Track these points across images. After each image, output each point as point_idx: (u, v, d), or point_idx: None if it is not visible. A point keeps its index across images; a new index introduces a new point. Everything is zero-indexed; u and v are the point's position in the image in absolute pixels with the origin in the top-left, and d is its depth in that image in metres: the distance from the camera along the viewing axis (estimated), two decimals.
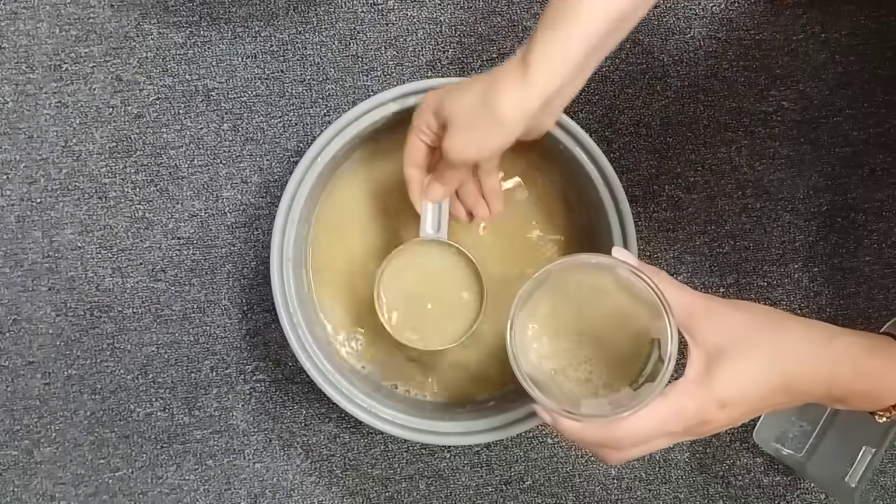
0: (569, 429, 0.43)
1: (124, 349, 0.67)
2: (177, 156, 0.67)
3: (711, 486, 0.67)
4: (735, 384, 0.41)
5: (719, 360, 0.41)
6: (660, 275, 0.44)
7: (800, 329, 0.43)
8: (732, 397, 0.41)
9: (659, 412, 0.41)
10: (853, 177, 0.68)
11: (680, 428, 0.42)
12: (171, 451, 0.67)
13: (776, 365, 0.41)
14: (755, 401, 0.42)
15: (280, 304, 0.57)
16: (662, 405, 0.41)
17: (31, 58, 0.67)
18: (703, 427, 0.42)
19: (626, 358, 0.44)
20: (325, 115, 0.67)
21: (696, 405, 0.41)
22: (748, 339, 0.42)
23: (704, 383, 0.41)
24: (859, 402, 0.44)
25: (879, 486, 0.68)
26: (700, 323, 0.42)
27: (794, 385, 0.42)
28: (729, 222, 0.68)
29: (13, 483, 0.67)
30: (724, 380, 0.41)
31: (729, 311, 0.43)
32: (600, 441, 0.42)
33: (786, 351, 0.42)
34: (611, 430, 0.42)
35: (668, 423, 0.41)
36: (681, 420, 0.41)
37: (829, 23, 0.68)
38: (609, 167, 0.57)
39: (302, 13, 0.67)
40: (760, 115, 0.68)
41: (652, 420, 0.41)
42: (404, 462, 0.67)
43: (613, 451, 0.43)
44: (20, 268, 0.67)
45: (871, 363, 0.43)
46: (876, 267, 0.68)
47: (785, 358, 0.42)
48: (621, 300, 0.44)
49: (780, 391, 0.42)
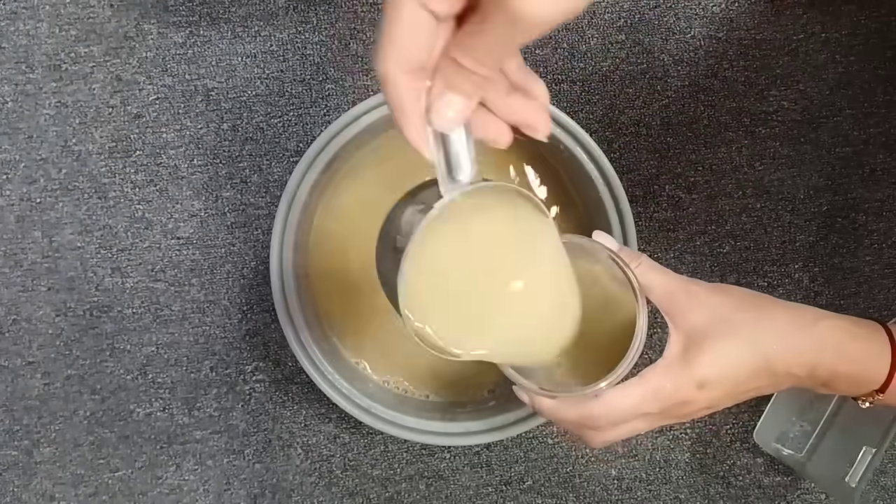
0: (546, 407, 0.43)
1: (124, 349, 0.67)
2: (176, 156, 0.67)
3: (712, 486, 0.67)
4: (714, 365, 0.41)
5: (699, 341, 0.41)
6: (640, 258, 0.44)
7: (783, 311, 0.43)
8: (711, 377, 0.41)
9: (635, 392, 0.41)
10: (854, 177, 0.68)
11: (657, 408, 0.41)
12: (171, 451, 0.67)
13: (757, 346, 0.41)
14: (735, 382, 0.41)
15: (280, 304, 0.57)
16: (639, 385, 0.41)
17: (31, 58, 0.67)
18: (683, 409, 0.42)
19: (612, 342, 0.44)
20: (325, 115, 0.67)
21: (673, 385, 0.41)
22: (729, 321, 0.41)
23: (682, 364, 0.41)
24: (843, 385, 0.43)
25: (880, 487, 0.68)
26: (681, 305, 0.42)
27: (775, 367, 0.41)
28: (729, 222, 0.68)
29: (13, 483, 0.67)
30: (702, 360, 0.41)
31: (711, 293, 0.43)
32: (578, 420, 0.42)
33: (767, 332, 0.41)
34: (587, 409, 0.41)
35: (645, 403, 0.41)
36: (657, 400, 0.41)
37: (830, 23, 0.68)
38: (609, 167, 0.57)
39: (302, 13, 0.67)
40: (761, 115, 0.68)
41: (627, 399, 0.41)
42: (404, 462, 0.67)
43: (593, 433, 0.43)
44: (20, 268, 0.67)
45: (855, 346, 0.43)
46: (876, 267, 0.68)
47: (766, 339, 0.41)
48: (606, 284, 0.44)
49: (762, 373, 0.41)
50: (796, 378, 0.42)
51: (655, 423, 0.43)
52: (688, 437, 0.67)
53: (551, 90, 0.67)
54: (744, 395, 0.43)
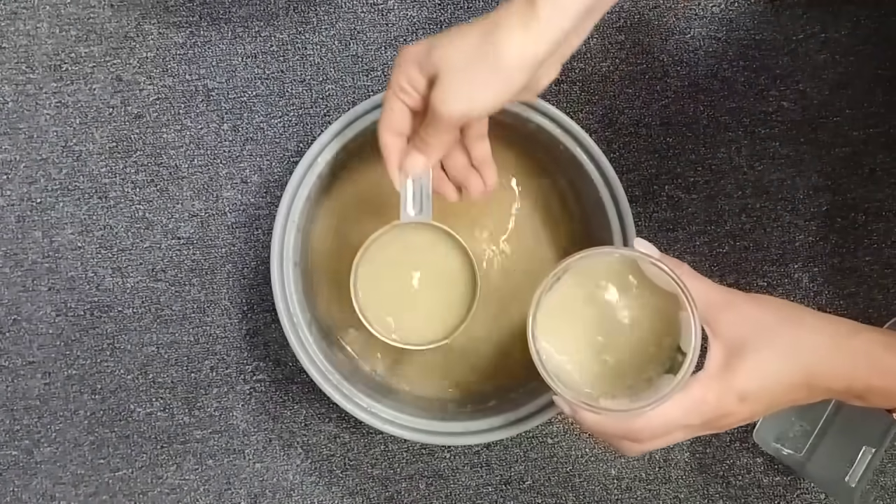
0: (589, 421, 0.43)
1: (124, 349, 0.67)
2: (177, 156, 0.67)
3: (711, 486, 0.67)
4: (756, 378, 0.41)
5: (740, 353, 0.41)
6: (682, 267, 0.44)
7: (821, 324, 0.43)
8: (753, 390, 0.41)
9: (679, 405, 0.41)
10: (853, 177, 0.68)
11: (699, 421, 0.41)
12: (171, 451, 0.67)
13: (797, 359, 0.41)
14: (776, 395, 0.41)
15: (280, 304, 0.57)
16: (682, 398, 0.41)
17: (31, 58, 0.67)
18: (723, 420, 0.42)
19: (647, 351, 0.44)
20: (325, 116, 0.67)
21: (716, 398, 0.41)
22: (769, 333, 0.42)
23: (724, 376, 0.41)
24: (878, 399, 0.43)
25: (879, 486, 0.68)
26: (721, 316, 0.42)
27: (814, 379, 0.41)
28: (729, 222, 0.68)
29: (13, 483, 0.67)
30: (744, 373, 0.41)
31: (750, 304, 0.43)
32: (620, 433, 0.42)
33: (807, 345, 0.42)
34: (630, 423, 0.42)
35: (688, 415, 0.41)
36: (700, 413, 0.41)
37: (829, 23, 0.68)
38: (609, 167, 0.57)
39: (302, 13, 0.67)
40: (760, 115, 0.68)
41: (671, 413, 0.41)
42: (404, 462, 0.67)
43: (632, 444, 0.43)
44: (20, 268, 0.67)
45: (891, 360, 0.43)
46: (876, 267, 0.68)
47: (806, 352, 0.41)
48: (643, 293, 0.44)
49: (801, 385, 0.41)
50: (833, 392, 0.42)
51: (695, 434, 0.43)
52: None
53: (551, 90, 0.67)
54: (781, 406, 0.43)
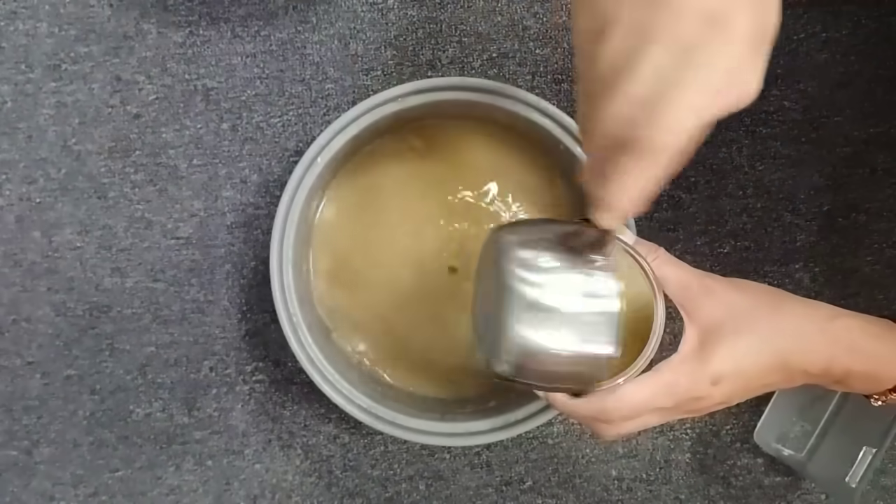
0: (560, 401, 0.43)
1: (123, 349, 0.67)
2: (176, 155, 0.67)
3: (712, 486, 0.67)
4: (729, 360, 0.41)
5: (714, 336, 0.41)
6: (657, 251, 0.44)
7: (800, 308, 0.43)
8: (727, 373, 0.41)
9: (647, 386, 0.41)
10: (854, 176, 0.68)
11: (671, 403, 0.41)
12: (171, 451, 0.67)
13: (773, 342, 0.41)
14: (750, 377, 0.41)
15: (280, 304, 0.57)
16: (652, 379, 0.41)
17: (31, 57, 0.66)
18: (696, 404, 0.42)
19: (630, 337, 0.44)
20: (325, 115, 0.67)
21: (688, 380, 0.41)
22: (745, 317, 0.41)
23: (697, 359, 0.41)
24: (857, 384, 0.43)
25: (880, 487, 0.68)
26: (697, 301, 0.42)
27: (790, 363, 0.41)
28: (730, 222, 0.68)
29: (13, 483, 0.66)
30: (717, 355, 0.41)
31: (727, 289, 0.43)
32: (591, 414, 0.42)
33: (783, 328, 0.41)
34: (601, 403, 0.41)
35: (657, 397, 0.41)
36: (672, 395, 0.41)
37: (830, 22, 0.68)
38: None
39: (301, 12, 0.67)
40: (761, 114, 0.68)
41: (640, 394, 0.41)
42: (404, 462, 0.67)
43: (605, 426, 0.43)
44: (19, 268, 0.66)
45: (870, 345, 0.42)
46: (877, 267, 0.68)
47: (782, 335, 0.41)
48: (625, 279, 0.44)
49: (776, 368, 0.41)
50: (810, 375, 0.42)
51: (668, 417, 0.43)
52: (688, 438, 0.67)
53: (551, 90, 0.67)
54: (757, 391, 0.43)
